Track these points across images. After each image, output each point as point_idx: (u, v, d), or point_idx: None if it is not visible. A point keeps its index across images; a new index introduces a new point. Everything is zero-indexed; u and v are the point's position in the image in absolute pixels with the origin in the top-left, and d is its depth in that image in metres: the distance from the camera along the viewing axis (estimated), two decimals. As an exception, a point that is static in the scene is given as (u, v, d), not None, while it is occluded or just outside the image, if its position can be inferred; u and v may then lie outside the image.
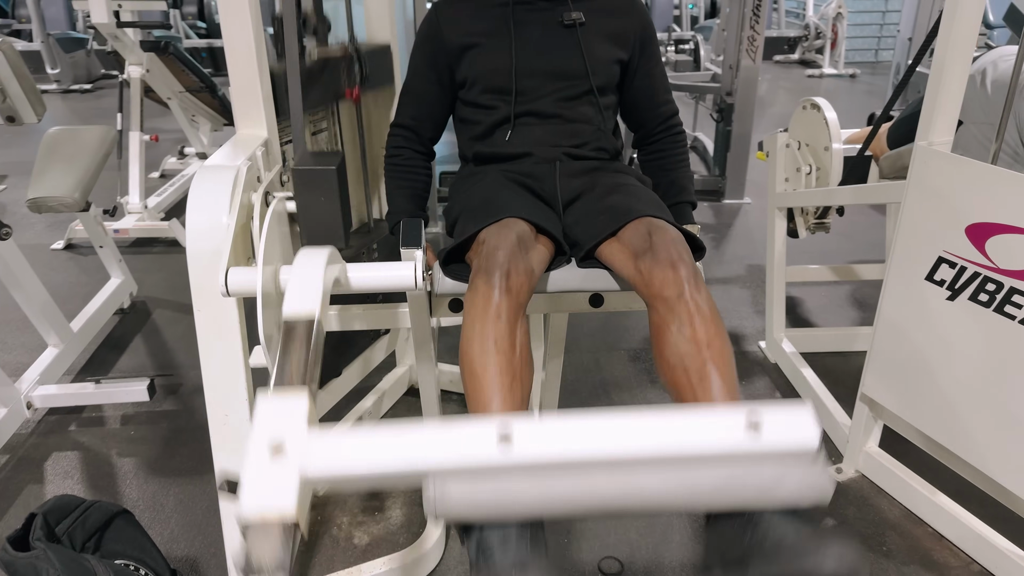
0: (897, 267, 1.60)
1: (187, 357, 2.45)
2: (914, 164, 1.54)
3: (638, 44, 1.55)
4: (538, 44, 1.47)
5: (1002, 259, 1.38)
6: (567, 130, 1.47)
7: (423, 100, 1.57)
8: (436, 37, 1.52)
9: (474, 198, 1.36)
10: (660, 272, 1.13)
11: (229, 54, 1.42)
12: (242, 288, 1.16)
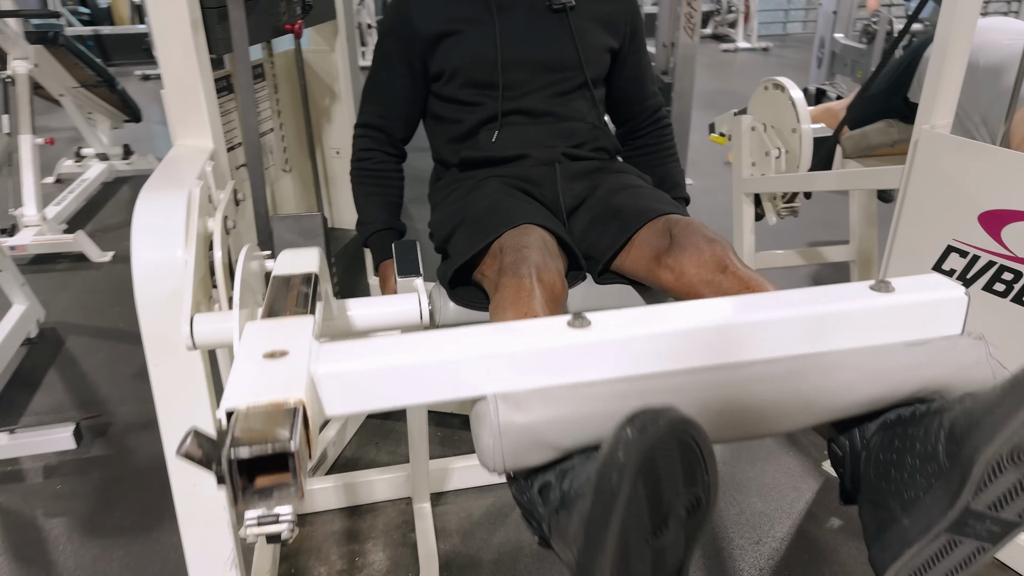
0: (899, 257, 1.54)
1: (113, 390, 2.18)
2: (919, 149, 1.46)
3: (628, 31, 1.41)
4: (525, 31, 1.31)
5: (1020, 248, 1.32)
6: (562, 130, 1.32)
7: (393, 96, 1.38)
8: (407, 24, 1.33)
9: (474, 208, 1.19)
10: (692, 256, 0.99)
11: (160, 47, 1.20)
12: (213, 339, 0.96)
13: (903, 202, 1.52)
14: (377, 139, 1.41)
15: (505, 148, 1.30)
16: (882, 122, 2.16)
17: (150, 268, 1.00)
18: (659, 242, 1.05)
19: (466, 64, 1.30)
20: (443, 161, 1.40)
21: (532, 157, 1.29)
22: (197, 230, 1.04)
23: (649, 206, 1.12)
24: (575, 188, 1.28)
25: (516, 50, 1.29)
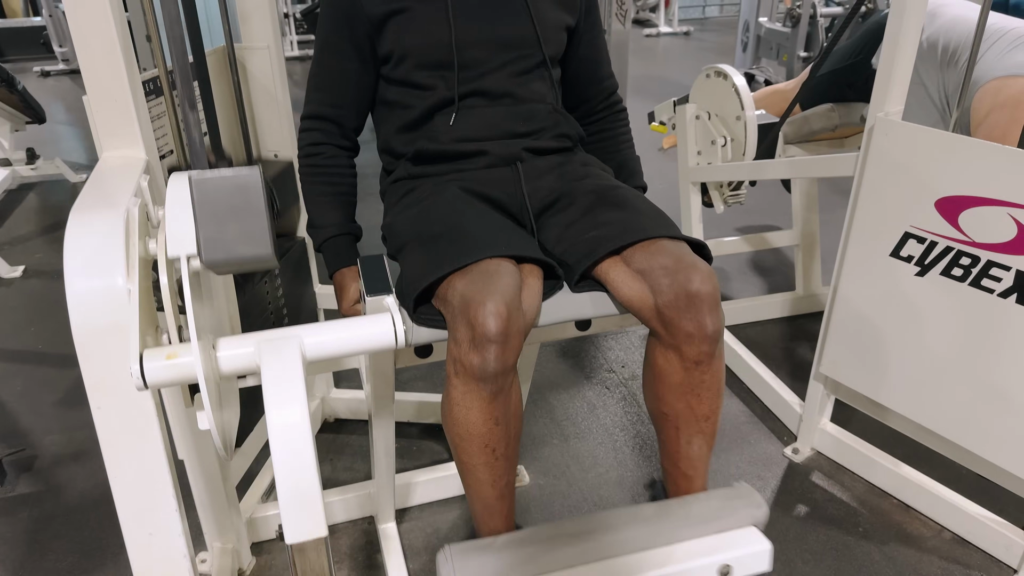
0: (856, 245, 1.54)
1: (35, 419, 2.01)
2: (874, 136, 1.47)
3: (584, 8, 1.35)
4: (479, 8, 1.23)
5: (977, 232, 1.34)
6: (521, 112, 1.25)
7: (342, 82, 1.29)
8: (351, 4, 1.24)
9: (431, 222, 1.11)
10: (688, 326, 1.01)
11: (81, 49, 1.08)
12: (168, 377, 0.86)
13: (859, 189, 1.52)
14: (327, 131, 1.32)
15: (463, 139, 1.22)
16: (824, 106, 2.19)
17: (88, 299, 0.89)
18: (651, 269, 1.02)
19: (418, 44, 1.22)
20: (392, 151, 1.31)
21: (492, 154, 1.23)
22: (138, 254, 0.94)
23: (640, 222, 1.07)
24: (541, 188, 1.22)
25: (471, 28, 1.22)
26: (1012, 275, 1.31)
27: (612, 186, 1.20)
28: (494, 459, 1.03)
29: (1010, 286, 1.31)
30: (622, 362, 2.21)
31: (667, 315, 1.00)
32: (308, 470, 0.83)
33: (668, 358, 1.04)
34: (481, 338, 0.93)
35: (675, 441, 1.10)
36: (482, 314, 0.92)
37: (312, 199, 1.33)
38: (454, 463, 1.08)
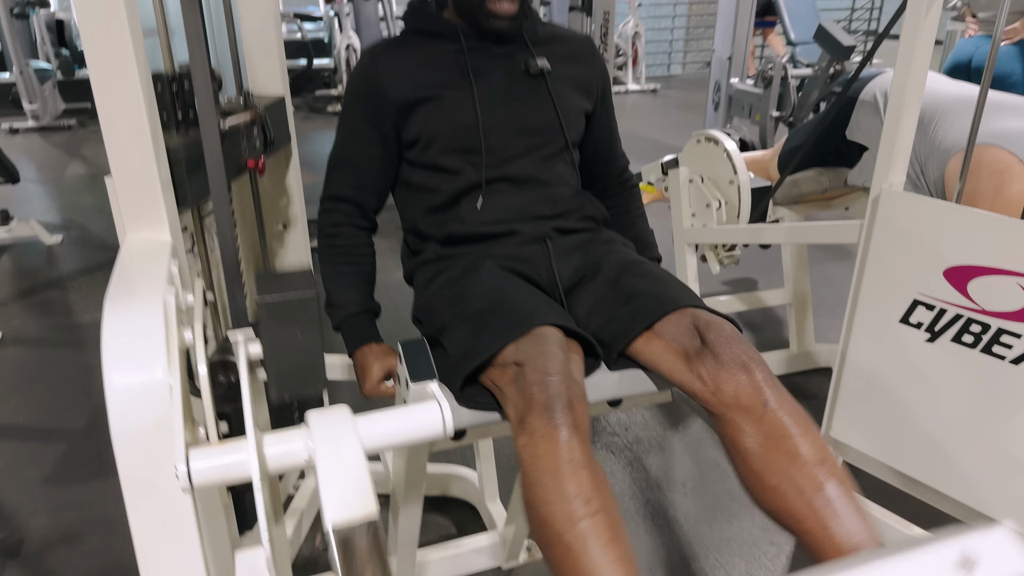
0: (865, 310, 1.57)
1: (20, 500, 1.92)
2: (879, 207, 1.51)
3: (599, 93, 1.39)
4: (504, 95, 1.26)
5: (987, 301, 1.37)
6: (547, 196, 1.27)
7: (365, 166, 1.30)
8: (377, 91, 1.25)
9: (473, 299, 1.11)
10: (730, 377, 0.97)
11: (107, 129, 1.07)
12: (216, 477, 0.83)
13: (865, 257, 1.56)
14: (348, 212, 1.32)
15: (493, 222, 1.23)
16: (812, 171, 2.25)
17: (128, 395, 0.86)
18: (688, 341, 1.01)
19: (446, 130, 1.24)
20: (419, 232, 1.31)
21: (522, 234, 1.24)
22: (177, 346, 0.92)
23: (668, 293, 1.08)
24: (569, 265, 1.23)
25: (497, 114, 1.24)
26: (1023, 343, 1.34)
27: (636, 260, 1.21)
28: (598, 526, 0.85)
29: (1022, 353, 1.34)
30: (624, 424, 2.20)
31: (703, 372, 0.98)
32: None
33: (732, 421, 0.98)
34: (549, 400, 0.90)
35: (811, 513, 0.90)
36: (547, 378, 0.90)
37: (332, 279, 1.32)
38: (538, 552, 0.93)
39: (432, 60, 1.26)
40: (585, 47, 1.38)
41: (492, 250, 1.23)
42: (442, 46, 1.28)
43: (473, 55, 1.26)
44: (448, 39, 1.28)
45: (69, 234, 3.68)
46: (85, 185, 4.51)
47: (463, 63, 1.26)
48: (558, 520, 0.85)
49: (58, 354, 2.59)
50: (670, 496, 1.90)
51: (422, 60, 1.27)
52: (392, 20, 7.84)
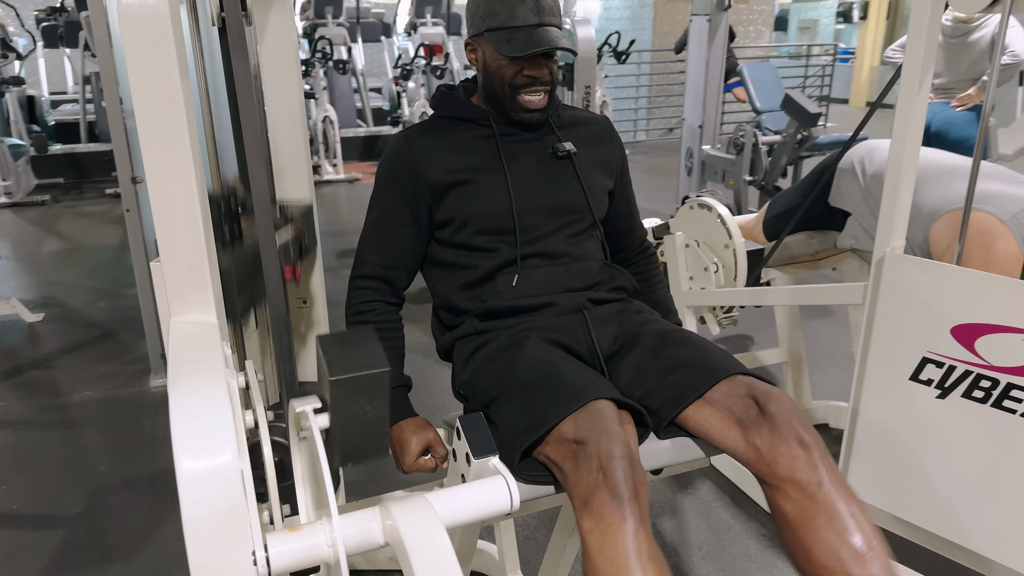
0: (874, 369, 1.63)
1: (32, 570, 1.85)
2: (884, 269, 1.58)
3: (618, 171, 1.46)
4: (535, 178, 1.32)
5: (995, 357, 1.44)
6: (578, 270, 1.32)
7: (397, 245, 1.33)
8: (412, 173, 1.30)
9: (519, 372, 1.13)
10: (787, 450, 1.01)
11: (158, 213, 1.09)
12: (294, 561, 0.83)
13: (872, 318, 1.62)
14: (380, 290, 1.35)
15: (531, 295, 1.27)
16: (802, 234, 2.34)
17: (201, 482, 0.86)
18: (742, 410, 1.05)
19: (481, 211, 1.28)
20: (453, 308, 1.34)
21: (559, 305, 1.27)
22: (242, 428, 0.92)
23: (717, 362, 1.12)
24: (607, 334, 1.27)
25: (529, 196, 1.30)
26: (1032, 396, 1.40)
27: (674, 329, 1.26)
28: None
29: (1032, 406, 1.40)
30: (635, 489, 2.20)
31: (759, 442, 1.02)
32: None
33: (787, 494, 1.01)
34: (615, 484, 0.93)
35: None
36: (612, 461, 0.93)
37: None
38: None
39: (465, 144, 1.32)
40: (605, 128, 1.45)
41: (531, 322, 1.26)
42: (473, 131, 1.33)
43: (504, 140, 1.32)
44: (479, 125, 1.34)
45: (51, 311, 3.62)
46: (63, 261, 4.45)
47: (495, 147, 1.31)
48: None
49: (49, 436, 2.52)
50: (688, 560, 1.90)
51: (455, 144, 1.32)
52: (366, 93, 8.01)
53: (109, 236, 4.81)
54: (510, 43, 1.24)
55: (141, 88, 1.02)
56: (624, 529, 0.92)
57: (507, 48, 1.24)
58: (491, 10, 1.26)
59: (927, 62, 1.48)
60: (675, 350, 1.18)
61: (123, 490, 2.22)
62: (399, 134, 1.35)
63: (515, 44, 1.24)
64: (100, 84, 6.39)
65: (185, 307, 1.13)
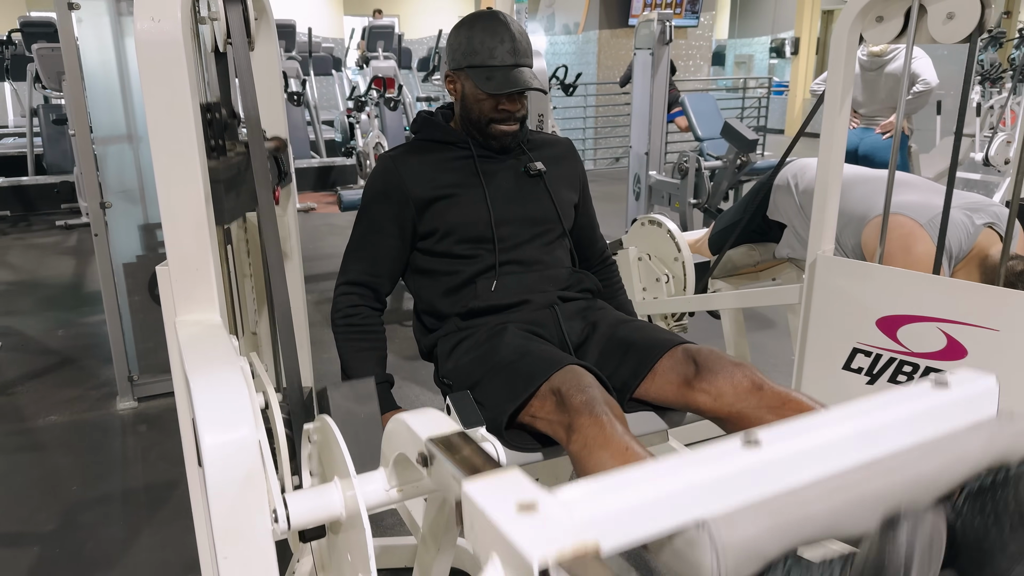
0: (811, 361, 1.80)
1: None
2: (816, 271, 1.76)
3: (581, 187, 1.61)
4: (510, 193, 1.46)
5: (915, 344, 1.62)
6: (550, 276, 1.46)
7: (382, 255, 1.46)
8: (398, 190, 1.43)
9: (500, 355, 1.27)
10: (728, 378, 1.16)
11: (168, 223, 1.19)
12: (312, 518, 0.93)
13: (808, 314, 1.80)
14: (364, 295, 1.46)
15: (508, 296, 1.41)
16: (743, 247, 2.54)
17: (222, 453, 0.96)
18: (685, 369, 1.20)
19: (462, 222, 1.42)
20: (436, 312, 1.47)
21: (533, 302, 1.41)
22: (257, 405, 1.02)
23: (660, 337, 1.27)
24: (575, 326, 1.41)
25: (506, 209, 1.44)
26: (947, 377, 1.58)
27: (626, 318, 1.41)
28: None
29: (947, 387, 1.59)
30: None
31: (704, 385, 1.16)
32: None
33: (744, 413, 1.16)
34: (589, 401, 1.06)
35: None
36: (588, 388, 1.06)
37: (351, 355, 1.45)
38: None
39: (446, 164, 1.46)
40: (569, 149, 1.61)
41: (508, 317, 1.40)
42: (453, 152, 1.47)
43: (482, 160, 1.47)
44: (458, 147, 1.48)
45: (8, 340, 3.59)
46: (16, 292, 4.41)
47: (474, 167, 1.45)
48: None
49: (17, 459, 2.53)
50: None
51: (437, 164, 1.46)
52: (319, 125, 8.11)
53: (63, 267, 4.77)
54: (489, 80, 1.38)
55: (155, 106, 1.13)
56: (603, 423, 1.04)
57: (487, 85, 1.38)
58: (472, 48, 1.40)
59: (845, 90, 1.68)
60: (628, 334, 1.33)
61: (97, 507, 2.25)
62: (385, 154, 1.48)
63: (494, 83, 1.38)
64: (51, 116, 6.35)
65: (191, 307, 1.23)
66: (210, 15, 1.24)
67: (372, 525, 0.92)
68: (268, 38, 1.54)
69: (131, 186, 2.79)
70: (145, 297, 2.88)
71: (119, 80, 2.68)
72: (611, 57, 9.63)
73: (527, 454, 1.13)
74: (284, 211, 1.83)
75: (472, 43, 1.40)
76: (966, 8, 1.49)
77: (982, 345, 1.53)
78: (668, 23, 4.47)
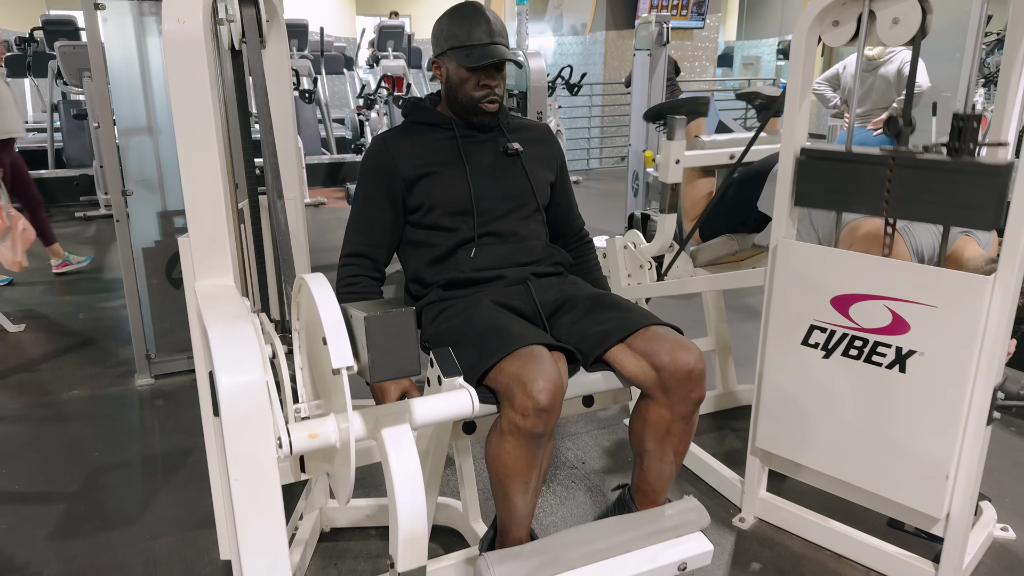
0: (773, 337, 1.96)
1: (29, 554, 2.04)
2: (778, 255, 1.92)
3: (559, 168, 1.77)
4: (490, 170, 1.62)
5: (865, 321, 1.78)
6: (523, 249, 1.62)
7: (378, 228, 1.62)
8: (389, 167, 1.59)
9: (474, 325, 1.43)
10: (683, 391, 1.36)
11: (189, 198, 1.36)
12: (311, 444, 1.10)
13: (770, 295, 1.96)
14: (364, 266, 1.63)
15: (484, 268, 1.57)
16: (722, 237, 2.69)
17: (236, 392, 1.13)
18: (651, 349, 1.38)
19: (445, 197, 1.58)
20: (421, 281, 1.63)
21: (507, 278, 1.58)
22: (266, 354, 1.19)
23: (636, 317, 1.44)
24: (549, 298, 1.57)
25: (485, 185, 1.60)
26: (893, 351, 1.74)
27: (603, 293, 1.57)
28: (528, 490, 1.34)
29: (893, 359, 1.74)
30: (582, 459, 2.50)
31: (668, 384, 1.34)
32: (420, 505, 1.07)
33: (661, 414, 1.38)
34: (535, 407, 1.23)
35: (654, 469, 1.46)
36: (535, 389, 1.23)
37: None
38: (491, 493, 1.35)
39: (432, 144, 1.62)
40: (545, 133, 1.77)
41: (485, 291, 1.56)
42: (439, 134, 1.64)
43: (464, 140, 1.63)
44: (443, 128, 1.64)
45: (31, 323, 3.79)
46: (38, 279, 4.61)
47: (456, 146, 1.62)
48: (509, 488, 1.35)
49: (43, 428, 2.72)
50: (627, 513, 2.20)
51: (424, 144, 1.62)
52: (329, 123, 8.29)
53: (82, 255, 4.97)
54: (469, 56, 1.56)
55: (180, 97, 1.30)
56: (533, 442, 1.29)
57: (466, 60, 1.56)
58: (452, 33, 1.58)
59: (805, 88, 1.84)
60: (605, 309, 1.49)
61: (118, 471, 2.44)
62: (378, 136, 1.65)
63: (472, 57, 1.55)
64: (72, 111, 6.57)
65: (208, 272, 1.40)
66: (227, 17, 1.41)
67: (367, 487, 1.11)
68: (279, 38, 1.71)
69: (151, 175, 2.97)
70: (163, 280, 3.07)
71: (140, 75, 2.87)
72: (617, 58, 9.78)
73: (487, 406, 1.31)
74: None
75: (452, 28, 1.58)
76: (909, 13, 1.65)
77: (922, 320, 1.68)
78: (665, 25, 4.62)
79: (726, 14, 13.75)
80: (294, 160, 1.92)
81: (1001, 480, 2.37)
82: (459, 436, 1.39)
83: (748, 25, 13.94)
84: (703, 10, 9.95)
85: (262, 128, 1.39)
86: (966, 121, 1.58)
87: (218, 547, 1.90)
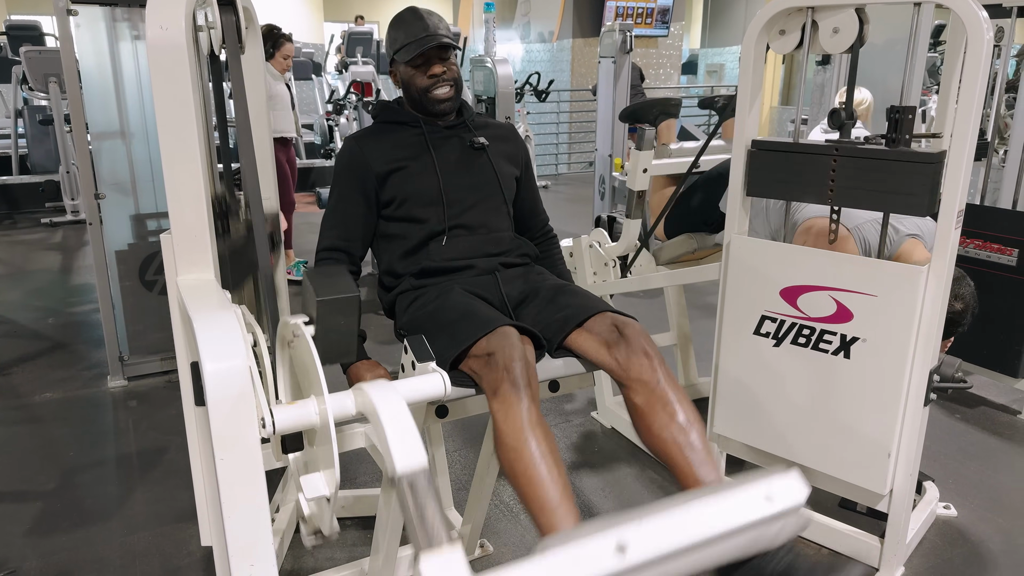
0: (727, 328, 2.07)
1: (7, 550, 2.08)
2: (731, 250, 2.03)
3: (523, 164, 1.87)
4: (457, 164, 1.71)
5: (811, 310, 1.90)
6: (492, 240, 1.71)
7: (353, 222, 1.70)
8: (361, 165, 1.68)
9: (446, 311, 1.52)
10: (636, 360, 1.43)
11: (171, 195, 1.42)
12: (292, 424, 1.18)
13: (725, 288, 2.07)
14: (339, 259, 1.70)
15: (454, 258, 1.65)
16: (682, 236, 2.81)
17: (220, 377, 1.19)
18: (608, 335, 1.46)
19: (416, 190, 1.67)
20: (394, 273, 1.71)
21: (477, 267, 1.66)
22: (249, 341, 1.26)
23: (592, 303, 1.53)
24: (514, 289, 1.66)
25: (453, 177, 1.69)
26: (838, 338, 1.86)
27: (566, 284, 1.66)
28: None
29: (838, 346, 1.86)
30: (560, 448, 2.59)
31: (619, 356, 1.43)
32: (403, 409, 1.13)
33: (636, 390, 1.42)
34: (515, 377, 1.31)
35: (682, 457, 1.35)
36: (512, 358, 1.31)
37: None
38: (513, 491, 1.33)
39: (401, 140, 1.71)
40: (510, 131, 1.87)
41: (455, 280, 1.65)
42: (407, 131, 1.73)
43: (432, 136, 1.72)
44: (411, 126, 1.73)
45: (0, 328, 3.79)
46: (6, 285, 4.59)
47: (425, 142, 1.71)
48: (523, 458, 1.28)
49: (15, 430, 2.73)
50: (593, 498, 2.29)
51: (394, 142, 1.71)
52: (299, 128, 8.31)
53: (50, 261, 4.95)
54: (408, 51, 1.66)
55: (163, 99, 1.37)
56: (520, 405, 1.31)
57: (407, 55, 1.66)
58: (394, 38, 1.71)
59: (754, 93, 1.96)
60: (565, 298, 1.59)
61: (93, 469, 2.47)
62: (350, 136, 1.74)
63: (411, 49, 1.66)
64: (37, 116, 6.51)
65: (190, 268, 1.47)
66: (208, 24, 1.48)
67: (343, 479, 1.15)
68: (255, 43, 1.79)
69: (123, 179, 3.01)
70: (135, 282, 3.10)
71: (113, 81, 2.91)
72: (584, 65, 9.93)
73: (464, 389, 1.39)
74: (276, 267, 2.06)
75: (394, 34, 1.71)
76: (847, 23, 1.77)
77: (864, 309, 1.80)
78: (629, 33, 4.75)
79: (690, 22, 14.03)
80: (269, 162, 1.99)
81: (946, 463, 2.52)
82: (432, 420, 1.46)
83: (712, 33, 14.22)
84: (667, 18, 10.16)
85: (239, 131, 1.46)
86: (902, 113, 1.70)
87: (196, 539, 1.96)
